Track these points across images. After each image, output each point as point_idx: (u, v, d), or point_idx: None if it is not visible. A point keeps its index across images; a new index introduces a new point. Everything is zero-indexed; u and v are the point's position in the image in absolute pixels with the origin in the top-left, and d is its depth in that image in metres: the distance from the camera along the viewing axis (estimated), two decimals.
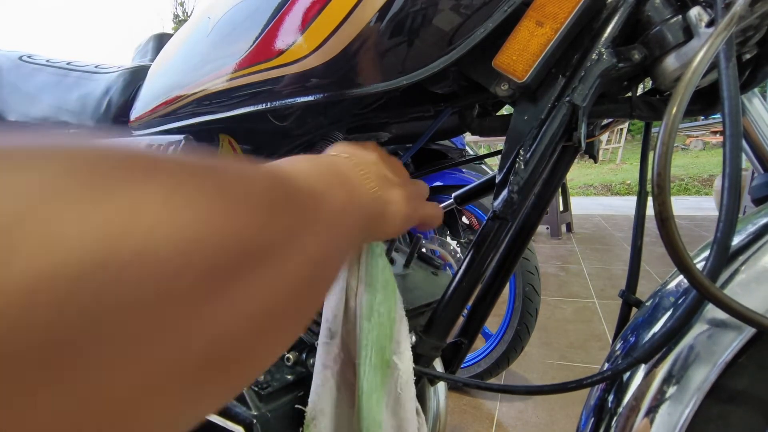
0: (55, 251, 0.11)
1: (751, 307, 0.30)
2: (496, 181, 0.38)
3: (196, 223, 0.14)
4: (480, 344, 1.37)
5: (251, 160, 0.20)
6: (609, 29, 0.35)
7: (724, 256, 0.31)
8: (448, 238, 1.59)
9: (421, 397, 0.50)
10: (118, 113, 0.74)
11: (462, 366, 1.11)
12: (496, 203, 0.37)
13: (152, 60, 0.79)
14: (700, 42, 0.32)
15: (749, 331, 0.33)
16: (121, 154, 0.14)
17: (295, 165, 0.24)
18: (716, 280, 0.31)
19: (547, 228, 3.81)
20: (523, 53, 0.35)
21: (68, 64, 0.85)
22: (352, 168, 0.29)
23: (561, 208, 3.79)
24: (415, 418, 0.40)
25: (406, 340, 0.41)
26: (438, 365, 0.50)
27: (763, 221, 0.36)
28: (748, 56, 0.39)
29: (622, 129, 10.19)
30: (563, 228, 3.91)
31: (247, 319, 0.15)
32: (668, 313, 0.38)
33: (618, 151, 10.32)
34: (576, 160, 0.54)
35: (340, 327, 0.40)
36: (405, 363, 0.40)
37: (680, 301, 0.37)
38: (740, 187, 0.30)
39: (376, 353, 0.38)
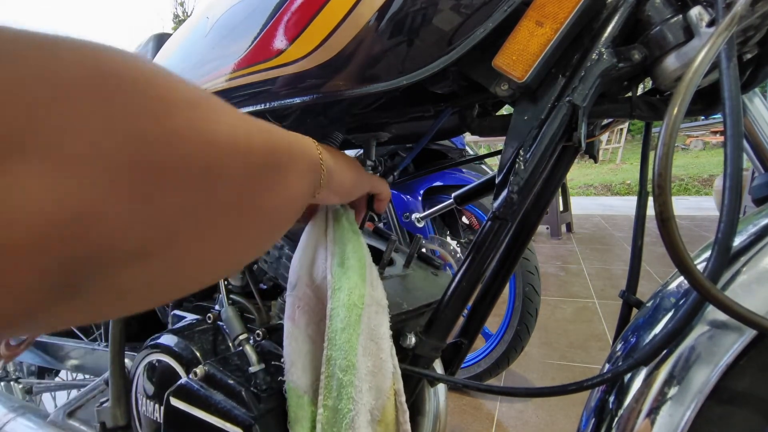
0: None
1: (752, 308, 0.30)
2: (496, 181, 0.38)
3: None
4: (480, 344, 1.37)
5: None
6: (609, 29, 0.35)
7: (725, 257, 0.30)
8: (448, 238, 1.59)
9: (421, 398, 0.50)
10: None
11: (462, 366, 1.11)
12: (496, 204, 0.37)
13: (152, 60, 0.79)
14: (701, 42, 0.32)
15: (750, 333, 0.33)
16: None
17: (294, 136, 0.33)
18: (717, 282, 0.31)
19: (547, 228, 3.81)
20: (523, 53, 0.35)
21: None
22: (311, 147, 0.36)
23: (561, 208, 3.79)
24: (390, 360, 0.41)
25: (378, 282, 0.43)
26: (438, 366, 0.50)
27: (764, 222, 0.36)
28: (749, 56, 0.39)
29: (622, 129, 10.19)
30: (563, 228, 3.90)
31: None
32: (669, 315, 0.37)
33: (618, 151, 10.32)
34: (576, 160, 0.53)
35: (305, 277, 0.42)
36: (379, 294, 0.42)
37: (681, 303, 0.37)
38: (741, 188, 0.30)
39: (348, 293, 0.39)
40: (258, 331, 0.51)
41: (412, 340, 0.45)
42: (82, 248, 0.15)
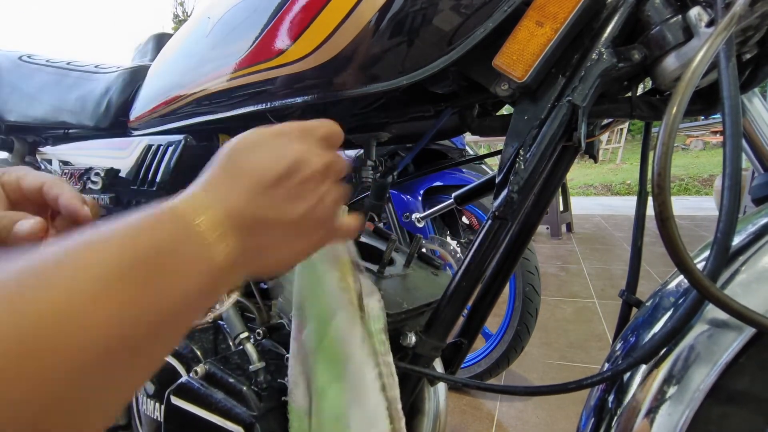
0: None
1: (752, 307, 0.30)
2: (496, 181, 0.38)
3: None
4: (480, 344, 1.37)
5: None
6: (609, 29, 0.35)
7: (725, 256, 0.30)
8: (448, 238, 1.59)
9: (421, 398, 0.50)
10: (117, 113, 0.74)
11: (462, 366, 1.11)
12: (496, 203, 0.37)
13: (152, 60, 0.79)
14: (700, 42, 0.32)
15: (749, 332, 0.33)
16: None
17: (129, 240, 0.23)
18: (716, 281, 0.31)
19: (547, 228, 3.81)
20: (523, 53, 0.35)
21: (68, 64, 0.85)
22: (191, 230, 0.25)
23: (561, 208, 3.79)
24: (382, 404, 0.39)
25: (374, 297, 0.42)
26: (438, 365, 0.50)
27: (763, 221, 0.36)
28: (748, 56, 0.39)
29: (622, 129, 10.18)
30: (563, 228, 3.90)
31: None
32: (668, 314, 0.38)
33: (618, 151, 10.32)
34: (576, 160, 0.54)
35: (306, 302, 0.42)
36: (374, 310, 0.41)
37: (680, 302, 0.37)
38: (740, 187, 0.30)
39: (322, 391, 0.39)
40: (258, 330, 0.51)
41: (412, 339, 0.45)
42: None
